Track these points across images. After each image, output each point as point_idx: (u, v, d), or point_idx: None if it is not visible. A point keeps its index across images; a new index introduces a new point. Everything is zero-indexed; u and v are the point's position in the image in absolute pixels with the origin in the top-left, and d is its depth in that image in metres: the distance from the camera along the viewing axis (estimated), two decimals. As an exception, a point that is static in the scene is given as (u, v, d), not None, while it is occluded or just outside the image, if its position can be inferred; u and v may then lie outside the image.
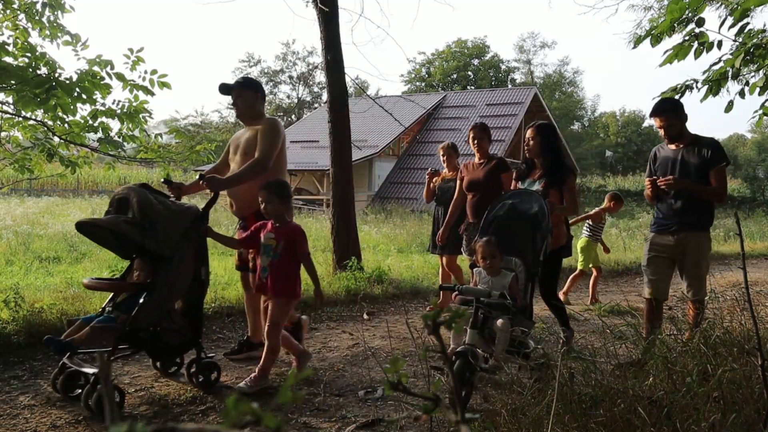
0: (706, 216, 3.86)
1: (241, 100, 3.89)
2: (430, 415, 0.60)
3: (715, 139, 3.78)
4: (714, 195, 3.75)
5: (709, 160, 3.68)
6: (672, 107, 3.77)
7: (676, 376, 2.31)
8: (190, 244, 3.30)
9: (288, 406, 3.14)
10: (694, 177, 3.72)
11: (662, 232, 3.94)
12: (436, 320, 0.62)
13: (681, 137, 3.81)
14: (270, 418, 0.43)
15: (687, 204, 3.80)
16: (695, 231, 3.84)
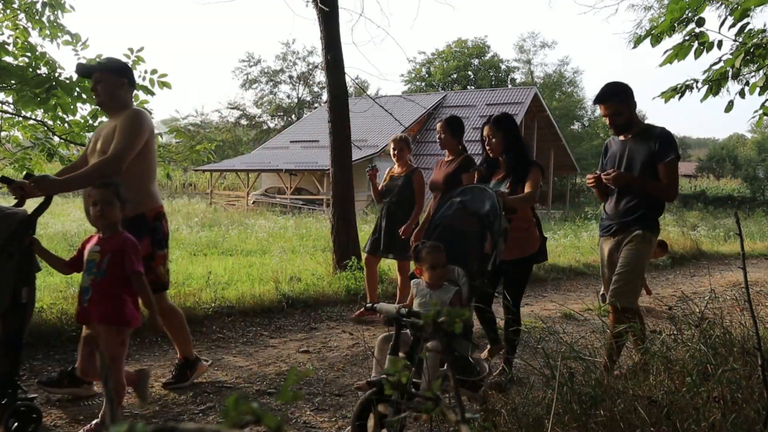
0: (650, 215, 3.43)
1: (101, 85, 3.25)
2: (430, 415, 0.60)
3: (666, 129, 3.38)
4: (661, 192, 3.35)
5: (657, 153, 3.29)
6: (618, 92, 3.37)
7: (676, 376, 2.31)
8: (9, 258, 2.71)
9: (288, 405, 3.13)
10: (640, 172, 3.34)
11: (605, 235, 3.57)
12: (436, 320, 0.62)
13: (629, 127, 3.42)
14: (270, 417, 0.43)
15: (630, 202, 3.40)
16: (637, 230, 3.39)
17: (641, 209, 3.37)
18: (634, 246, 3.36)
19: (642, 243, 3.37)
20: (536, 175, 3.55)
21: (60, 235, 10.13)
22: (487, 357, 3.85)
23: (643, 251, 3.38)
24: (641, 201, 3.36)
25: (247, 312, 5.13)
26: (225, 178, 31.31)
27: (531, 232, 3.61)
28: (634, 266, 3.33)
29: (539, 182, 3.54)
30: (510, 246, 3.20)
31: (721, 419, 1.89)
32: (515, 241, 3.36)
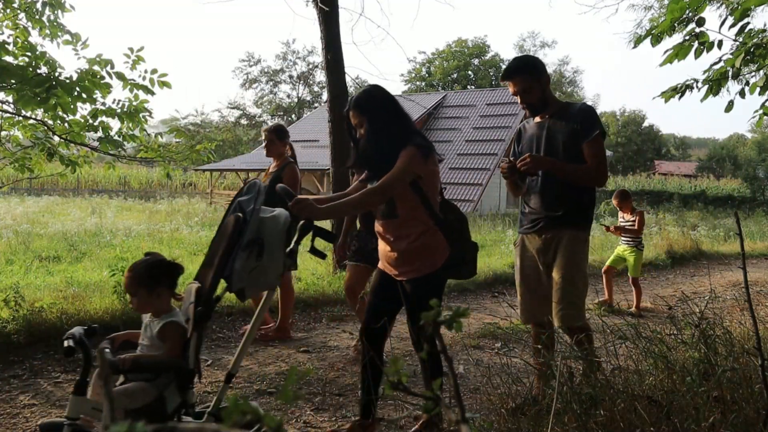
0: (581, 208, 2.96)
1: None
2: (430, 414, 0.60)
3: (587, 103, 3.04)
4: (588, 176, 2.89)
5: (579, 132, 2.87)
6: (526, 66, 2.97)
7: (676, 376, 2.31)
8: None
9: (288, 405, 3.13)
10: (563, 155, 2.90)
11: (528, 231, 3.06)
12: (436, 320, 0.62)
13: (545, 106, 3.01)
14: (270, 417, 0.43)
15: (556, 192, 2.94)
16: (567, 229, 2.92)
17: (570, 202, 2.92)
18: (568, 253, 2.88)
19: (576, 246, 2.91)
20: (402, 159, 2.47)
21: (60, 234, 10.13)
22: None
23: (581, 257, 2.93)
24: (569, 191, 2.91)
25: (247, 312, 5.13)
26: (225, 178, 31.29)
27: (430, 240, 2.58)
28: (574, 278, 2.86)
29: (406, 167, 2.46)
30: (400, 261, 2.60)
31: (721, 419, 1.89)
32: (406, 255, 2.58)
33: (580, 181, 2.89)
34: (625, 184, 36.66)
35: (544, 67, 3.02)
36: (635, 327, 2.71)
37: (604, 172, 2.90)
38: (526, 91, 2.95)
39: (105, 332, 4.32)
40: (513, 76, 2.96)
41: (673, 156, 58.85)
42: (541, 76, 2.97)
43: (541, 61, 3.06)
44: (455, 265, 2.66)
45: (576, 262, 2.89)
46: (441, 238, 2.62)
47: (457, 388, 0.61)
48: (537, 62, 3.03)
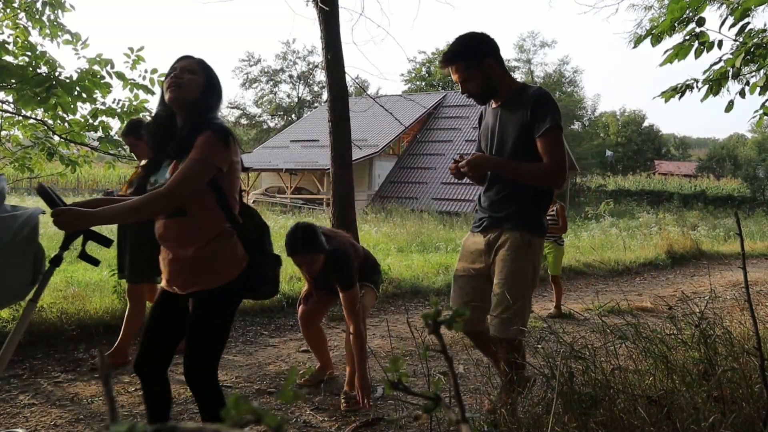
0: (531, 209, 2.57)
1: None
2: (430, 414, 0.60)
3: (543, 89, 2.56)
4: (540, 176, 2.47)
5: (531, 124, 2.46)
6: (463, 51, 2.52)
7: (676, 376, 2.32)
8: None
9: (288, 405, 3.13)
10: (513, 150, 2.52)
11: (474, 230, 2.74)
12: (436, 319, 0.62)
13: (493, 93, 2.58)
14: (270, 417, 0.43)
15: (503, 190, 2.58)
16: (511, 231, 2.54)
17: (517, 200, 2.55)
18: (510, 254, 2.50)
19: (519, 250, 2.50)
20: (199, 148, 2.01)
21: (60, 234, 10.10)
22: None
23: (525, 261, 2.52)
24: (517, 190, 2.55)
25: (246, 311, 5.13)
26: (225, 178, 31.31)
27: (224, 247, 2.14)
28: (514, 283, 2.48)
29: (204, 159, 2.01)
30: (185, 272, 2.14)
31: (721, 419, 1.89)
32: (194, 264, 2.12)
33: (532, 182, 2.51)
34: (625, 184, 36.69)
35: (488, 47, 2.53)
36: (635, 327, 2.71)
37: (560, 171, 2.45)
38: (463, 80, 2.54)
39: (105, 332, 4.34)
40: (449, 63, 2.54)
41: (673, 156, 58.87)
42: (482, 62, 2.50)
43: (486, 40, 2.56)
44: (253, 281, 2.23)
45: (516, 268, 2.49)
46: (238, 246, 2.17)
47: (457, 388, 0.61)
48: (477, 44, 2.53)
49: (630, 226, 14.40)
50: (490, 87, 2.56)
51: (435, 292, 6.53)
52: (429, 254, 9.52)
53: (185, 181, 1.99)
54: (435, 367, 3.76)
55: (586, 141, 40.30)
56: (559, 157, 2.44)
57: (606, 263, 8.81)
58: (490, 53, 2.53)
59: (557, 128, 2.45)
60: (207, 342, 2.14)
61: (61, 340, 4.11)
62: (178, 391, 3.36)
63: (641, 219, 14.58)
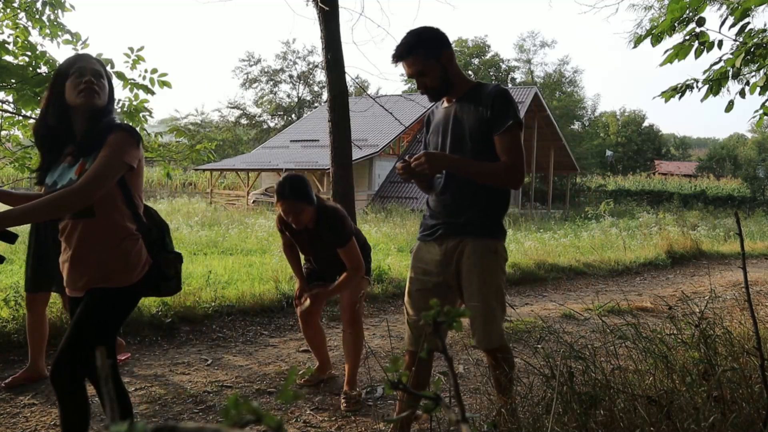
0: (491, 212, 2.43)
1: None
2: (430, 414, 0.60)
3: (500, 86, 2.43)
4: (498, 175, 2.34)
5: (490, 120, 2.34)
6: (419, 43, 2.40)
7: (676, 376, 2.32)
8: None
9: (288, 405, 3.12)
10: (470, 149, 2.38)
11: (426, 239, 2.53)
12: (436, 319, 0.62)
13: (448, 89, 2.46)
14: (270, 417, 0.43)
15: (459, 193, 2.42)
16: (472, 237, 2.39)
17: (477, 204, 2.40)
18: (479, 265, 2.38)
19: (486, 257, 2.39)
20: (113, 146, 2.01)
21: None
22: None
23: (494, 270, 2.41)
24: (476, 192, 2.39)
25: (247, 311, 5.14)
26: (225, 178, 31.30)
27: (131, 250, 2.12)
28: (488, 294, 2.37)
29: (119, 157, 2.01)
30: (88, 273, 2.08)
31: (721, 419, 1.89)
32: (98, 265, 2.07)
33: (489, 182, 2.36)
34: (625, 184, 36.68)
35: (443, 40, 2.44)
36: (635, 327, 2.71)
37: (519, 171, 2.33)
38: (421, 73, 2.41)
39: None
40: (404, 57, 2.41)
41: (673, 156, 58.88)
42: (439, 54, 2.41)
43: (440, 33, 2.46)
44: (155, 279, 2.23)
45: (487, 278, 2.38)
46: (143, 249, 2.16)
47: (457, 388, 0.61)
48: (433, 36, 2.43)
49: (630, 226, 14.40)
50: (447, 81, 2.44)
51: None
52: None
53: (100, 177, 1.97)
54: (435, 367, 3.76)
55: (586, 141, 40.31)
56: (518, 156, 2.33)
57: (606, 263, 8.81)
58: (446, 45, 2.44)
59: (518, 126, 2.34)
60: (95, 340, 2.04)
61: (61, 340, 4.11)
62: (178, 391, 3.36)
63: (641, 219, 14.59)
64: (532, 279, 7.65)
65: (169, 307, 4.70)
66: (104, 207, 2.06)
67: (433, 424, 2.38)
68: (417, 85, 2.45)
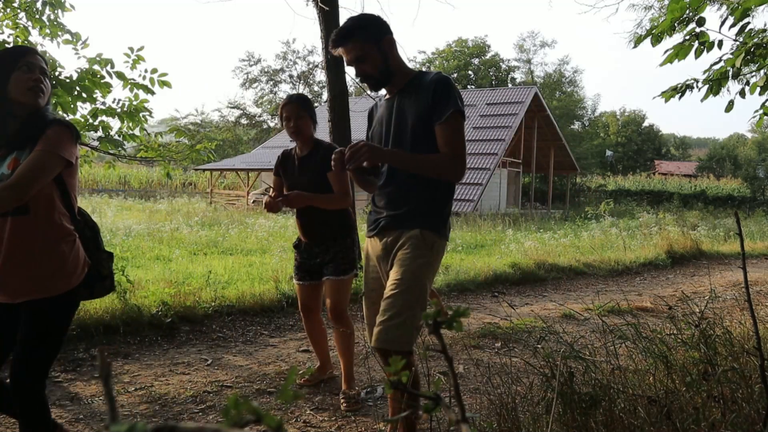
0: (432, 207, 2.30)
1: None
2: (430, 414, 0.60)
3: (442, 73, 2.31)
4: (439, 167, 2.23)
5: (431, 109, 2.24)
6: (357, 28, 2.30)
7: (676, 376, 2.32)
8: None
9: (288, 405, 3.13)
10: (412, 141, 2.28)
11: (371, 235, 2.44)
12: (436, 319, 0.62)
13: (389, 77, 2.35)
14: (270, 417, 0.43)
15: (400, 186, 2.33)
16: (410, 229, 2.27)
17: (418, 196, 2.30)
18: (410, 254, 2.23)
19: (421, 249, 2.24)
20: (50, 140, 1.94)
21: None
22: None
23: (424, 262, 2.23)
24: (417, 185, 2.29)
25: (247, 311, 5.14)
26: (225, 178, 31.31)
27: (69, 251, 2.05)
28: (408, 287, 2.18)
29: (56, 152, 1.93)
30: (24, 278, 1.97)
31: (721, 419, 1.89)
32: (37, 269, 1.98)
33: (431, 174, 2.25)
34: (625, 184, 36.68)
35: (384, 26, 2.34)
36: (635, 327, 2.71)
37: (460, 162, 2.23)
38: (359, 59, 2.30)
39: (105, 332, 4.34)
40: (342, 42, 2.31)
41: (673, 156, 58.88)
42: (379, 39, 2.30)
43: (381, 19, 2.36)
44: (90, 281, 2.15)
45: (413, 270, 2.20)
46: (81, 250, 2.09)
47: (457, 388, 0.60)
48: (373, 21, 2.34)
49: (630, 226, 14.40)
50: (388, 69, 2.34)
51: (435, 291, 6.53)
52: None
53: (36, 173, 1.87)
54: (435, 367, 3.76)
55: (586, 141, 40.33)
56: (459, 147, 2.23)
57: (606, 263, 8.81)
58: (387, 31, 2.35)
59: (459, 115, 2.23)
60: (44, 353, 1.99)
61: (61, 339, 4.11)
62: (178, 391, 3.36)
63: (641, 219, 14.59)
64: (532, 279, 7.65)
65: (169, 307, 4.70)
66: (40, 205, 1.95)
67: (433, 424, 2.38)
68: (355, 73, 2.35)
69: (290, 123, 3.17)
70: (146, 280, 5.82)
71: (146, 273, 6.48)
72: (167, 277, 6.09)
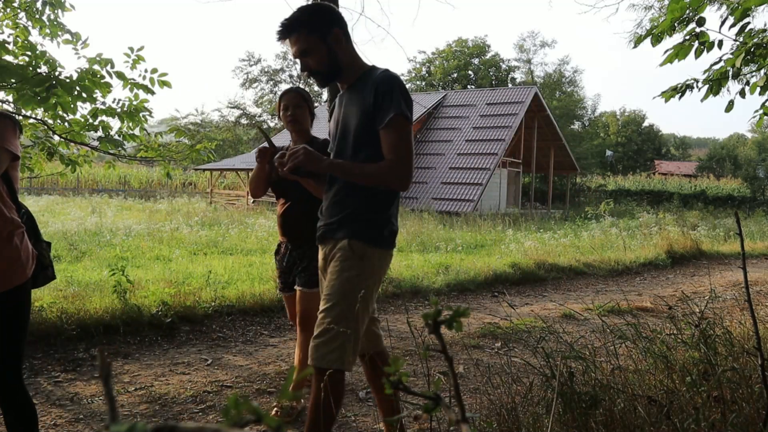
0: (365, 215, 2.13)
1: None
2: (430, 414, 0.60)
3: (390, 71, 2.12)
4: (380, 177, 2.06)
5: (374, 112, 2.07)
6: (309, 16, 2.14)
7: (676, 376, 2.32)
8: None
9: (288, 405, 3.12)
10: (353, 142, 2.13)
11: (317, 242, 2.31)
12: (436, 319, 0.62)
13: (338, 73, 2.19)
14: (270, 417, 0.43)
15: (337, 192, 2.19)
16: (343, 239, 2.12)
17: (351, 204, 2.14)
18: (338, 267, 2.08)
19: (349, 260, 2.08)
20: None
21: (60, 233, 10.13)
22: None
23: (352, 275, 2.06)
24: (352, 189, 2.13)
25: (247, 311, 5.14)
26: (225, 177, 31.30)
27: (21, 244, 2.06)
28: (338, 302, 2.05)
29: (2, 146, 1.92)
30: None
31: (721, 419, 1.89)
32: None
33: (372, 184, 2.09)
34: (625, 184, 36.68)
35: (333, 18, 2.16)
36: (635, 327, 2.71)
37: (403, 171, 2.05)
38: (305, 53, 2.14)
39: (105, 332, 4.34)
40: (285, 35, 2.15)
41: (673, 156, 58.88)
42: (326, 33, 2.12)
43: (332, 10, 2.20)
44: (36, 272, 2.14)
45: (341, 283, 2.06)
46: (28, 241, 2.09)
47: (457, 388, 0.61)
48: (321, 12, 2.16)
49: (630, 226, 14.40)
50: (335, 64, 2.16)
51: (435, 291, 6.53)
52: (429, 254, 9.52)
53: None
54: (435, 367, 3.76)
55: (586, 141, 40.31)
56: (402, 154, 2.04)
57: (606, 263, 8.81)
58: (336, 23, 2.16)
59: (402, 118, 2.04)
60: (12, 347, 2.00)
61: (61, 339, 4.11)
62: (178, 391, 3.36)
63: (641, 219, 14.59)
64: (532, 279, 7.65)
65: (169, 307, 4.70)
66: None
67: (433, 424, 2.38)
68: (300, 67, 2.18)
69: (288, 112, 3.05)
70: (146, 280, 5.82)
71: (146, 273, 6.48)
72: (167, 277, 6.09)
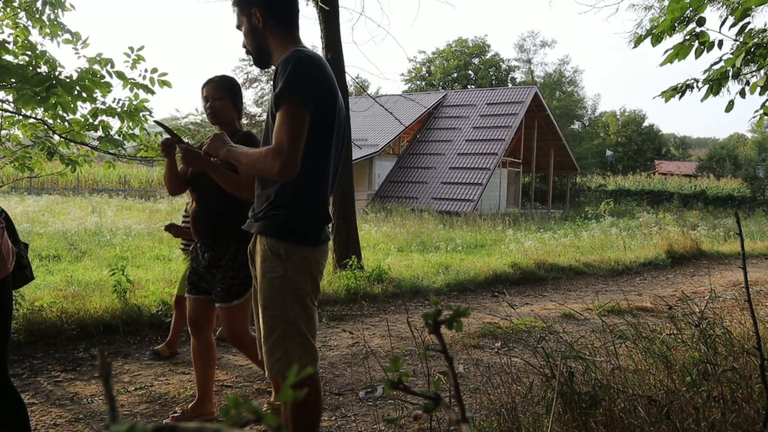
0: (271, 206, 1.97)
1: None
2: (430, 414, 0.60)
3: (297, 51, 1.93)
4: (258, 164, 1.89)
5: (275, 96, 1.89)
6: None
7: (676, 376, 2.32)
8: None
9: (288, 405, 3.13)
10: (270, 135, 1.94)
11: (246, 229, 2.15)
12: (436, 319, 0.62)
13: (268, 54, 2.08)
14: (270, 417, 0.43)
15: (259, 182, 2.07)
16: (261, 236, 2.01)
17: (263, 196, 2.01)
18: (263, 266, 1.97)
19: (269, 261, 1.95)
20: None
21: (60, 233, 10.13)
22: None
23: (274, 276, 1.94)
24: (263, 182, 2.02)
25: (247, 311, 5.13)
26: (225, 177, 31.29)
27: (2, 241, 2.07)
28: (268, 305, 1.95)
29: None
30: None
31: (721, 419, 1.89)
32: None
33: (253, 172, 1.99)
34: (625, 184, 36.68)
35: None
36: (635, 327, 2.71)
37: (279, 158, 1.81)
38: (238, 28, 2.08)
39: (105, 332, 4.34)
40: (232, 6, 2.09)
41: (673, 156, 58.87)
42: (248, 11, 2.01)
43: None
44: (14, 271, 2.11)
45: (267, 285, 1.95)
46: (7, 238, 2.08)
47: (457, 388, 0.60)
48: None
49: (630, 226, 14.40)
50: (261, 46, 2.04)
51: (435, 291, 6.53)
52: (429, 254, 9.52)
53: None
54: (435, 366, 3.76)
55: (586, 141, 40.31)
56: (281, 138, 1.82)
57: (606, 263, 8.81)
58: (256, 4, 2.00)
59: (288, 100, 1.84)
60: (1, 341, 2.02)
61: (61, 339, 4.11)
62: (178, 390, 3.36)
63: (641, 219, 14.59)
64: (532, 279, 7.65)
65: (169, 306, 4.70)
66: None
67: (433, 424, 2.38)
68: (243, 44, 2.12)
69: (207, 104, 2.77)
70: (146, 280, 5.82)
71: (146, 273, 6.48)
72: (167, 277, 6.09)
